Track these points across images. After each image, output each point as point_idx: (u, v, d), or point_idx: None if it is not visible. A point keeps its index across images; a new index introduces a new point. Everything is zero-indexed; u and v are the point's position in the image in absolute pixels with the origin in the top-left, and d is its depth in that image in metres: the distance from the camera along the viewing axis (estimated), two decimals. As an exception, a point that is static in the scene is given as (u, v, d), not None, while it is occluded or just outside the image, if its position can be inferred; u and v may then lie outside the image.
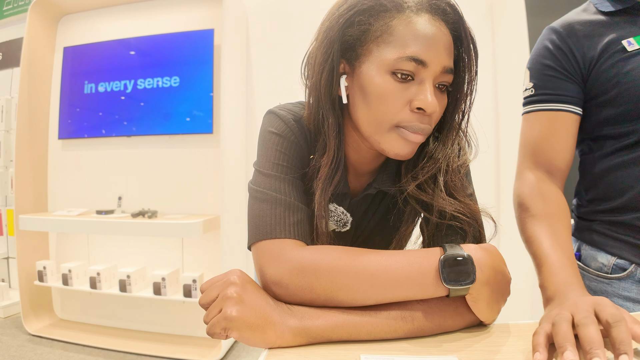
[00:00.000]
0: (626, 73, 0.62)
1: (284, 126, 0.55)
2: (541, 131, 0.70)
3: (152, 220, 2.02)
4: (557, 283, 0.51)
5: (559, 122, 0.68)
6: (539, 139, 0.70)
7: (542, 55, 0.71)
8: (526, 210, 0.66)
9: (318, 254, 0.46)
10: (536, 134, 0.70)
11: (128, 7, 2.29)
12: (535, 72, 0.71)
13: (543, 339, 0.39)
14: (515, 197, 0.70)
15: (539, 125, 0.70)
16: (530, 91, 0.72)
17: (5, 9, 2.80)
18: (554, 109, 0.69)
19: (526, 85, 0.73)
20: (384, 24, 0.47)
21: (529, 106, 0.72)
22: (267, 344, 0.42)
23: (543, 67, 0.70)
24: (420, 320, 0.44)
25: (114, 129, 2.25)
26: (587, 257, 0.71)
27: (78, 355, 1.96)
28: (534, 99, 0.71)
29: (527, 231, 0.64)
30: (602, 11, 0.68)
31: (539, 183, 0.68)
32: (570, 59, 0.68)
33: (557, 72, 0.68)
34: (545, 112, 0.69)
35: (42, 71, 2.33)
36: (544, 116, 0.70)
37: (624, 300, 0.65)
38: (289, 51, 2.14)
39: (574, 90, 0.68)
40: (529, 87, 0.72)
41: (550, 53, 0.70)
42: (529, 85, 0.72)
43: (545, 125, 0.69)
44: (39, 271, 2.21)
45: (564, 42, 0.68)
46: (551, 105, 0.69)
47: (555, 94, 0.69)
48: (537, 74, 0.71)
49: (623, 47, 0.63)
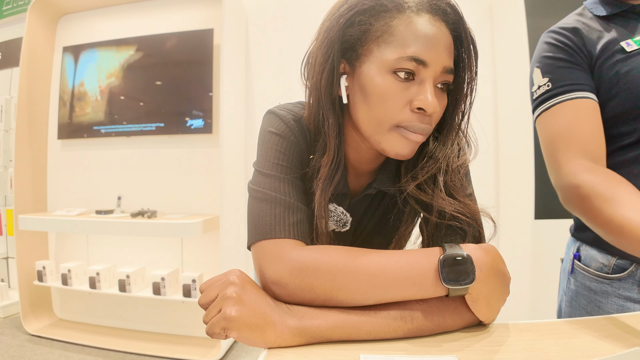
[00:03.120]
0: (625, 74, 0.62)
1: (284, 126, 0.55)
2: (572, 120, 0.65)
3: (152, 220, 2.02)
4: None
5: (585, 110, 0.65)
6: (572, 128, 0.64)
7: (550, 51, 0.69)
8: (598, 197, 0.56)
9: (317, 253, 0.46)
10: (566, 124, 0.65)
11: (128, 6, 2.29)
12: (547, 67, 0.69)
13: None
14: (572, 190, 0.61)
15: (567, 115, 0.65)
16: (546, 86, 0.68)
17: (5, 9, 2.80)
18: (578, 97, 0.65)
19: (539, 82, 0.70)
20: (384, 24, 0.47)
21: (549, 102, 0.68)
22: (267, 343, 0.42)
23: (556, 61, 0.68)
24: (420, 320, 0.44)
25: (113, 128, 2.25)
26: (587, 257, 0.71)
27: (77, 355, 1.96)
28: (554, 93, 0.67)
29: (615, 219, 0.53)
30: (597, 15, 0.68)
31: (596, 169, 0.61)
32: (578, 51, 0.67)
33: (571, 63, 0.67)
34: (569, 102, 0.65)
35: (41, 71, 2.33)
36: (568, 106, 0.65)
37: (625, 300, 0.65)
38: (288, 51, 2.14)
39: (589, 79, 0.66)
40: (543, 83, 0.69)
41: (558, 48, 0.68)
42: (543, 81, 0.69)
43: (574, 114, 0.65)
44: (39, 271, 2.21)
45: (568, 38, 0.68)
46: (574, 94, 0.66)
47: (575, 83, 0.66)
48: (551, 68, 0.69)
49: (622, 47, 0.63)
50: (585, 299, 0.71)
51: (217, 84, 2.05)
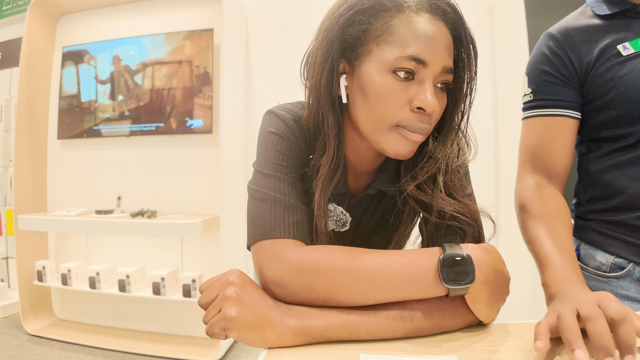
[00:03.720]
0: (621, 77, 0.63)
1: (284, 126, 0.55)
2: (540, 136, 0.71)
3: (152, 220, 2.02)
4: (558, 280, 0.52)
5: (557, 127, 0.69)
6: (538, 144, 0.71)
7: (539, 61, 0.72)
8: (526, 212, 0.67)
9: (317, 253, 0.46)
10: (535, 139, 0.71)
11: (127, 6, 2.29)
12: (533, 78, 0.72)
13: (545, 328, 0.39)
14: (516, 200, 0.72)
15: (538, 130, 0.71)
16: (529, 97, 0.73)
17: (5, 9, 2.80)
18: (552, 114, 0.70)
19: (525, 91, 0.74)
20: (384, 24, 0.47)
21: (528, 112, 0.73)
22: (267, 344, 0.42)
23: (541, 73, 0.71)
24: (420, 320, 0.44)
25: (113, 128, 2.24)
26: (585, 256, 0.71)
27: (77, 355, 1.96)
28: (533, 105, 0.72)
29: (528, 232, 0.65)
30: (598, 14, 0.68)
31: (538, 186, 0.69)
32: (567, 64, 0.68)
33: (555, 77, 0.69)
34: (544, 118, 0.70)
35: (41, 71, 2.33)
36: (542, 121, 0.71)
37: (623, 299, 0.65)
38: (288, 51, 2.13)
39: (571, 95, 0.69)
40: (527, 93, 0.73)
41: (547, 59, 0.70)
42: (528, 91, 0.73)
43: (543, 131, 0.70)
44: (38, 271, 2.21)
45: (561, 48, 0.69)
46: (549, 110, 0.70)
47: (553, 99, 0.69)
48: (535, 80, 0.72)
49: (618, 51, 0.64)
50: (584, 298, 0.71)
51: (217, 84, 2.05)
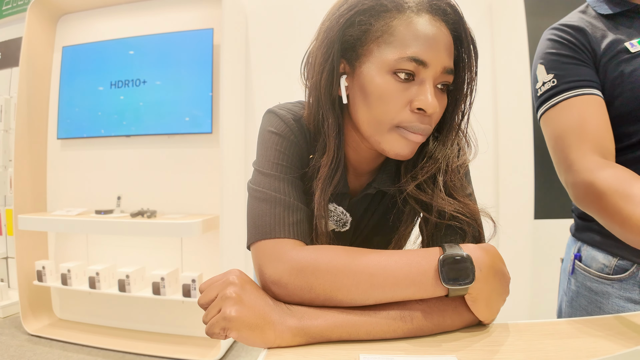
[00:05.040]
0: (629, 74, 0.62)
1: (284, 126, 0.55)
2: (580, 116, 0.63)
3: (151, 220, 2.02)
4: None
5: (593, 106, 0.63)
6: (581, 124, 0.63)
7: (554, 47, 0.68)
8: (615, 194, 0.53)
9: (317, 253, 0.46)
10: (574, 121, 0.63)
11: (127, 6, 2.29)
12: (552, 62, 0.68)
13: None
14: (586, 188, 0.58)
15: (575, 111, 0.64)
16: (551, 82, 0.67)
17: (5, 9, 2.80)
18: (585, 93, 0.64)
19: (544, 79, 0.69)
20: (384, 24, 0.47)
21: (555, 98, 0.66)
22: (266, 343, 0.42)
23: (561, 57, 0.67)
24: (420, 320, 0.44)
25: (113, 128, 2.24)
26: (588, 258, 0.71)
27: (77, 355, 1.96)
28: (559, 89, 0.66)
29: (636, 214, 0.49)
30: (600, 14, 0.67)
31: (608, 166, 0.58)
32: (583, 49, 0.66)
33: (576, 59, 0.66)
34: (577, 98, 0.64)
35: (41, 71, 2.33)
36: (576, 102, 0.64)
37: (626, 301, 0.65)
38: (288, 51, 2.14)
39: (595, 77, 0.65)
40: (548, 80, 0.68)
41: (562, 44, 0.68)
42: (548, 77, 0.68)
43: (582, 110, 0.63)
44: (38, 271, 2.21)
45: (573, 35, 0.67)
46: (581, 90, 0.64)
47: (581, 79, 0.65)
48: (555, 64, 0.67)
49: (626, 48, 0.63)
50: (585, 299, 0.71)
51: (217, 84, 2.05)
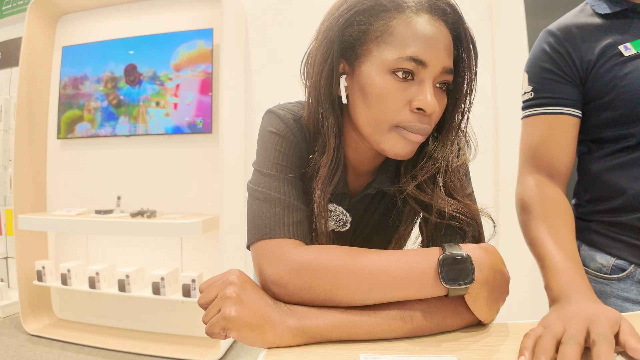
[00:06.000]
0: (623, 77, 0.62)
1: (284, 126, 0.55)
2: (541, 135, 0.69)
3: (151, 220, 2.01)
4: (561, 284, 0.51)
5: (558, 126, 0.68)
6: (539, 143, 0.69)
7: (540, 58, 0.70)
8: (528, 212, 0.66)
9: (317, 253, 0.46)
10: (536, 138, 0.70)
11: (127, 6, 2.28)
12: (533, 75, 0.71)
13: (531, 342, 0.40)
14: (518, 201, 0.70)
15: (539, 129, 0.70)
16: (529, 94, 0.71)
17: (4, 9, 2.80)
18: (553, 112, 0.68)
19: (525, 88, 0.72)
20: (383, 24, 0.47)
21: (529, 110, 0.71)
22: (266, 343, 0.42)
23: (542, 71, 0.70)
24: (419, 320, 0.44)
25: (112, 128, 2.24)
26: (586, 258, 0.71)
27: (77, 355, 1.96)
28: (534, 103, 0.71)
29: (530, 233, 0.64)
30: (598, 13, 0.67)
31: (540, 186, 0.68)
32: (569, 61, 0.67)
33: (556, 75, 0.68)
34: (545, 116, 0.69)
35: (41, 71, 2.33)
36: (543, 120, 0.69)
37: (624, 301, 0.65)
38: (288, 51, 2.13)
39: (573, 93, 0.68)
40: (528, 91, 0.72)
41: (548, 56, 0.69)
42: (528, 88, 0.72)
43: (545, 129, 0.69)
44: (38, 271, 2.21)
45: (562, 45, 0.68)
46: (551, 108, 0.69)
47: (554, 97, 0.68)
48: (536, 78, 0.70)
49: (620, 51, 0.63)
50: (584, 299, 0.71)
51: (217, 84, 2.05)
